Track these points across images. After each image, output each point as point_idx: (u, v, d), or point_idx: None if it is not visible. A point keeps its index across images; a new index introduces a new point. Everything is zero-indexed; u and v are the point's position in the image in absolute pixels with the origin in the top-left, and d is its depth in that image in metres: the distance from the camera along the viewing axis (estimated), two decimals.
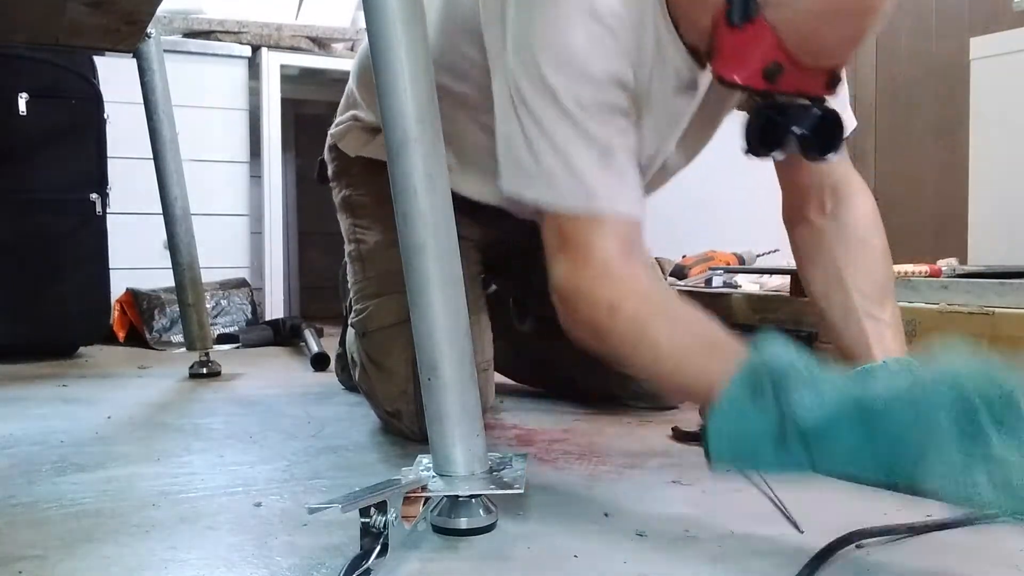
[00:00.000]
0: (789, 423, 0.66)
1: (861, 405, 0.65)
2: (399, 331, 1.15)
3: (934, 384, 0.63)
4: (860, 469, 0.66)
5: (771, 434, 0.67)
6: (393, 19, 0.75)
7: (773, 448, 0.67)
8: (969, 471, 0.60)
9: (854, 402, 0.65)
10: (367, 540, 0.69)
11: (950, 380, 0.63)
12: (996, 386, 0.62)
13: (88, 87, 2.16)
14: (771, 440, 0.67)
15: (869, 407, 0.65)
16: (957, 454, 0.61)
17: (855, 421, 0.65)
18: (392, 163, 0.76)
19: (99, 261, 2.19)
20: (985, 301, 1.40)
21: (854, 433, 0.64)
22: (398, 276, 1.18)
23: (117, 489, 0.93)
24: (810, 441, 0.65)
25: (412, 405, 1.13)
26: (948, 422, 0.61)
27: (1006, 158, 2.28)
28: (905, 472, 0.64)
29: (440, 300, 0.76)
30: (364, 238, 1.26)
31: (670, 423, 1.26)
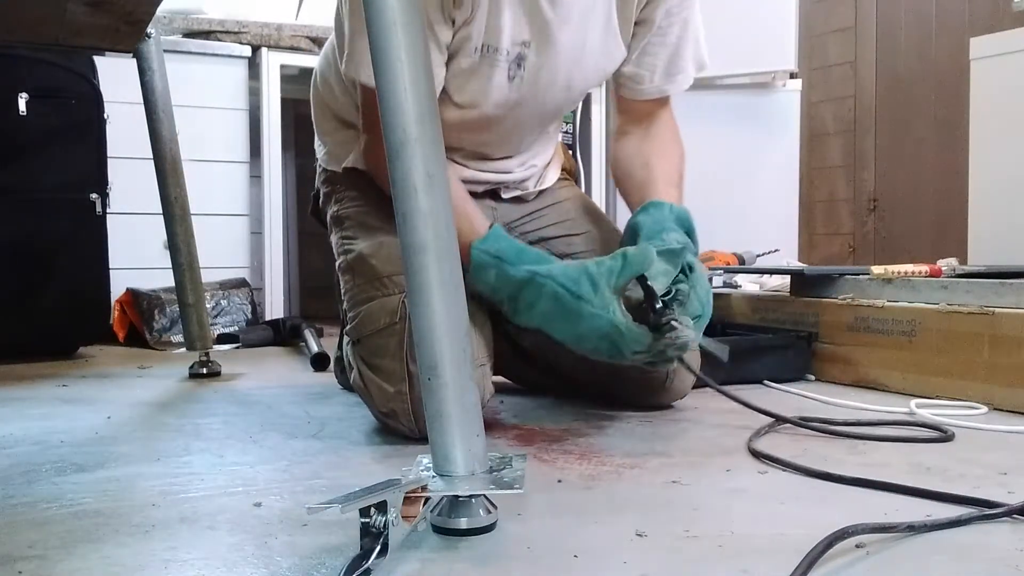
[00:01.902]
0: (499, 287, 1.14)
1: (523, 284, 1.12)
2: (391, 332, 1.16)
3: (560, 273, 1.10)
4: (527, 323, 1.15)
5: (493, 289, 1.16)
6: (393, 19, 0.75)
7: (491, 296, 1.17)
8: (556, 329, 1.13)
9: (521, 281, 1.12)
10: (367, 540, 0.69)
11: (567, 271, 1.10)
12: (574, 281, 1.09)
13: (88, 87, 2.16)
14: (494, 293, 1.16)
15: (527, 282, 1.11)
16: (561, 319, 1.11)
17: (520, 294, 1.12)
18: (392, 163, 0.76)
19: (99, 261, 2.19)
20: (985, 301, 1.40)
21: (521, 302, 1.13)
22: (386, 279, 1.21)
23: (117, 489, 0.93)
24: (506, 300, 1.14)
25: (407, 404, 1.13)
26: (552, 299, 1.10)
27: (1006, 158, 2.28)
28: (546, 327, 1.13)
29: (440, 300, 0.76)
30: (351, 248, 1.29)
31: (670, 423, 1.27)
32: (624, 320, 1.09)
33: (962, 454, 1.06)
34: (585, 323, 1.09)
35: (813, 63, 3.75)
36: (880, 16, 3.53)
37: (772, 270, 2.09)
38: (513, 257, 1.14)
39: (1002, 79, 2.29)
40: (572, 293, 1.09)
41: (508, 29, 1.19)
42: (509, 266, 1.13)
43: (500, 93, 1.24)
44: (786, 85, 2.96)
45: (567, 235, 1.44)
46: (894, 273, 1.61)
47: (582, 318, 1.09)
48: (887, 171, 3.53)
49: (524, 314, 1.15)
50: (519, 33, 1.20)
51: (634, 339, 1.09)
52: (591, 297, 1.09)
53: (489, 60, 1.20)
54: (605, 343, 1.10)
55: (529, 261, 1.14)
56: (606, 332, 1.09)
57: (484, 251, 1.15)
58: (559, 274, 1.11)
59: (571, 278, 1.10)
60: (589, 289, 1.09)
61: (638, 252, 1.11)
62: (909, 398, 1.38)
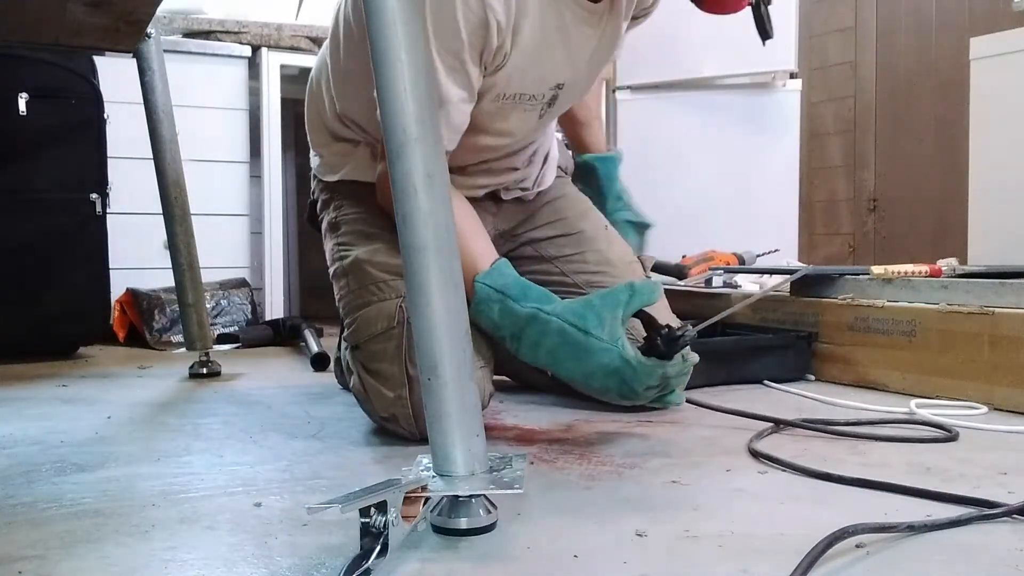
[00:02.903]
0: (503, 324, 1.13)
1: (528, 321, 1.12)
2: (390, 336, 1.16)
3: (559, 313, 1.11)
4: (531, 361, 1.15)
5: (496, 326, 1.16)
6: (393, 19, 0.75)
7: (495, 332, 1.17)
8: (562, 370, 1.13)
9: (526, 318, 1.12)
10: (367, 540, 0.69)
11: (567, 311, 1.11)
12: (579, 316, 1.10)
13: (88, 87, 2.16)
14: (497, 329, 1.16)
15: (531, 319, 1.11)
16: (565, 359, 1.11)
17: (524, 332, 1.12)
18: (392, 163, 0.76)
19: (99, 261, 2.19)
20: (985, 301, 1.40)
21: (524, 339, 1.12)
22: (382, 284, 1.22)
23: (117, 489, 0.93)
24: (509, 337, 1.14)
25: (407, 408, 1.13)
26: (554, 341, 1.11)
27: (1006, 158, 2.28)
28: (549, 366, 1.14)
29: (440, 300, 0.76)
30: (347, 253, 1.28)
31: (670, 423, 1.27)
32: (634, 354, 1.08)
33: (962, 454, 1.06)
34: (594, 359, 1.08)
35: (813, 63, 3.75)
36: (880, 16, 3.53)
37: (772, 270, 2.09)
38: (518, 293, 1.13)
39: (1002, 79, 2.28)
40: (578, 328, 1.08)
41: (548, 77, 1.22)
42: (513, 302, 1.13)
43: (528, 128, 1.30)
44: (786, 85, 2.96)
45: (558, 236, 1.45)
46: (894, 273, 1.61)
47: (591, 354, 1.08)
48: (887, 171, 3.53)
49: (529, 352, 1.14)
50: (555, 77, 1.23)
51: (646, 372, 1.08)
52: (598, 332, 1.08)
53: (521, 105, 1.23)
54: (615, 379, 1.09)
55: (534, 298, 1.13)
56: (616, 367, 1.08)
57: (488, 285, 1.14)
58: (564, 310, 1.11)
59: (576, 313, 1.10)
60: (596, 323, 1.08)
61: (646, 284, 1.11)
62: (909, 398, 1.38)
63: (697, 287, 2.13)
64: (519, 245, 1.48)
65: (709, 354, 1.57)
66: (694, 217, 2.85)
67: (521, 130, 1.29)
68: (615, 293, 1.11)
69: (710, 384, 1.54)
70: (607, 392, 1.12)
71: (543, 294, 1.15)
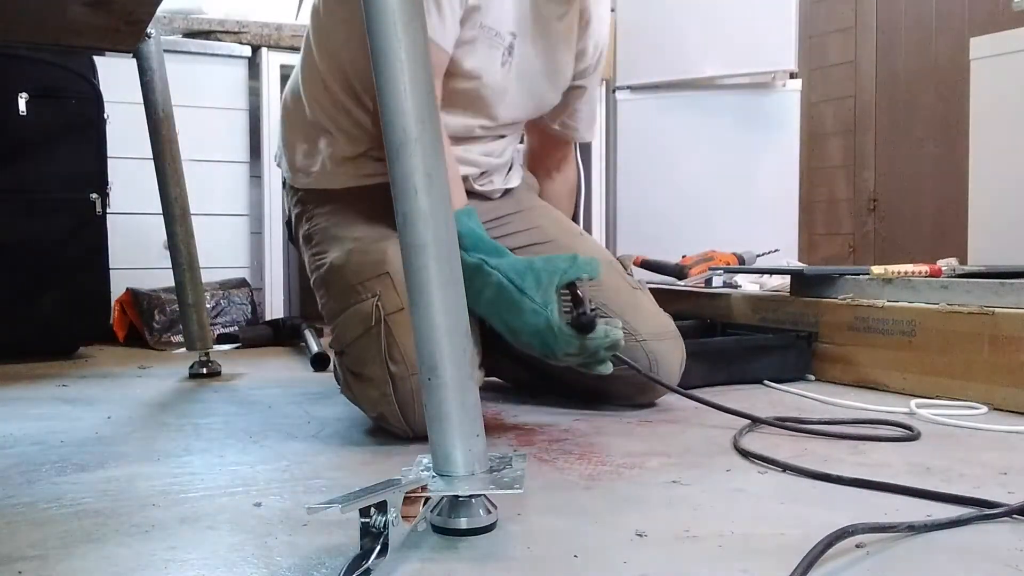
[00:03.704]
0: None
1: (473, 271, 1.13)
2: (369, 338, 1.17)
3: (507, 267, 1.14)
4: (472, 308, 1.07)
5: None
6: (393, 19, 0.75)
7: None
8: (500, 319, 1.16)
9: (471, 268, 1.13)
10: (367, 540, 0.69)
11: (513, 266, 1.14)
12: (519, 275, 1.13)
13: (88, 87, 2.16)
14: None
15: (476, 269, 1.14)
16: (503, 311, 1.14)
17: (470, 281, 1.04)
18: (392, 163, 0.76)
19: (99, 261, 2.19)
20: (985, 301, 1.40)
21: (469, 288, 1.04)
22: (358, 286, 1.23)
23: (117, 489, 0.93)
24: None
25: (393, 406, 1.14)
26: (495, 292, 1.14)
27: (1006, 158, 2.28)
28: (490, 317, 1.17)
29: (440, 300, 0.76)
30: (323, 262, 1.30)
31: (670, 423, 1.27)
32: (559, 321, 1.12)
33: (962, 454, 1.06)
34: (523, 318, 1.13)
35: (813, 63, 3.75)
36: (880, 16, 3.53)
37: (772, 270, 2.09)
38: (470, 243, 1.17)
39: (1002, 79, 2.28)
40: (516, 286, 1.13)
41: (505, 17, 1.32)
42: (464, 252, 1.15)
43: (494, 75, 1.35)
44: (786, 85, 2.96)
45: (532, 244, 1.45)
46: (894, 273, 1.61)
47: (521, 312, 1.13)
48: (887, 171, 3.53)
49: (471, 300, 1.15)
50: (510, 23, 1.34)
51: (566, 341, 1.12)
52: (533, 293, 1.12)
53: (488, 40, 1.32)
54: (538, 340, 1.13)
55: (483, 250, 1.17)
56: (540, 330, 1.12)
57: None
58: (507, 267, 1.15)
59: (517, 271, 1.14)
60: (532, 284, 1.13)
61: (588, 260, 1.16)
62: (909, 398, 1.38)
63: (697, 287, 2.13)
64: None
65: (709, 354, 1.58)
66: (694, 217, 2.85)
67: (486, 73, 1.34)
68: (556, 260, 1.15)
69: (710, 384, 1.54)
70: (531, 348, 1.17)
71: (494, 247, 1.18)
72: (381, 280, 1.18)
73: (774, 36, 2.83)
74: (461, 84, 1.33)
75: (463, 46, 1.29)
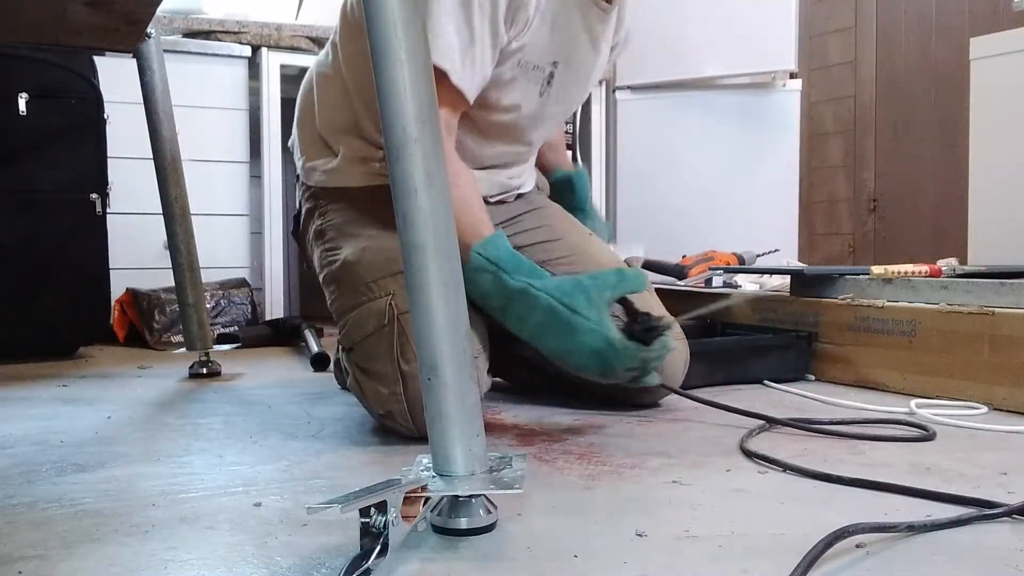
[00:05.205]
0: (493, 295, 1.14)
1: (517, 294, 1.12)
2: (380, 336, 1.17)
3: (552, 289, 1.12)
4: (515, 333, 1.16)
5: (485, 295, 1.15)
6: (393, 19, 0.75)
7: (483, 303, 1.16)
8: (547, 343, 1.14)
9: (515, 292, 1.12)
10: (367, 540, 0.69)
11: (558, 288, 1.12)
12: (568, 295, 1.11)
13: (88, 87, 2.16)
14: (487, 299, 1.16)
15: (521, 292, 1.12)
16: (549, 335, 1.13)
17: (512, 305, 1.13)
18: (392, 163, 0.76)
19: (99, 261, 2.19)
20: (985, 301, 1.40)
21: (511, 313, 1.14)
22: (372, 284, 1.22)
23: (117, 489, 0.93)
24: (497, 308, 1.15)
25: (402, 404, 1.14)
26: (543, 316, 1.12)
27: (1006, 158, 2.28)
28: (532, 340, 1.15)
29: (440, 300, 0.76)
30: (335, 258, 1.29)
31: (670, 423, 1.27)
32: (618, 335, 1.10)
33: (962, 454, 1.06)
34: (579, 338, 1.11)
35: (813, 63, 3.75)
36: (880, 16, 3.53)
37: (772, 270, 2.09)
38: (510, 266, 1.15)
39: (1002, 79, 2.28)
40: (567, 306, 1.11)
41: (547, 49, 1.27)
42: (505, 275, 1.14)
43: (531, 106, 1.32)
44: (786, 85, 2.96)
45: (545, 241, 1.45)
46: (894, 273, 1.61)
47: (576, 332, 1.10)
48: (887, 171, 3.53)
49: (515, 324, 1.16)
50: (553, 54, 1.28)
51: (628, 356, 1.11)
52: (587, 311, 1.10)
53: (527, 75, 1.28)
54: (596, 359, 1.11)
55: (525, 272, 1.15)
56: (599, 348, 1.10)
57: (483, 256, 1.15)
58: (554, 288, 1.13)
59: (565, 291, 1.12)
60: (584, 303, 1.11)
61: (634, 272, 1.15)
62: (909, 398, 1.38)
63: (697, 287, 2.13)
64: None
65: (709, 354, 1.58)
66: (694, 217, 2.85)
67: (524, 104, 1.31)
68: (604, 275, 1.14)
69: (710, 384, 1.54)
70: (586, 370, 1.15)
71: (534, 269, 1.17)
72: (396, 279, 1.18)
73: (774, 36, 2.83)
74: (498, 117, 1.31)
75: (503, 87, 1.27)
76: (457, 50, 1.13)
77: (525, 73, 1.27)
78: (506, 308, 1.15)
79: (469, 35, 1.13)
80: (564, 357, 1.14)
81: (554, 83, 1.32)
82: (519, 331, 1.16)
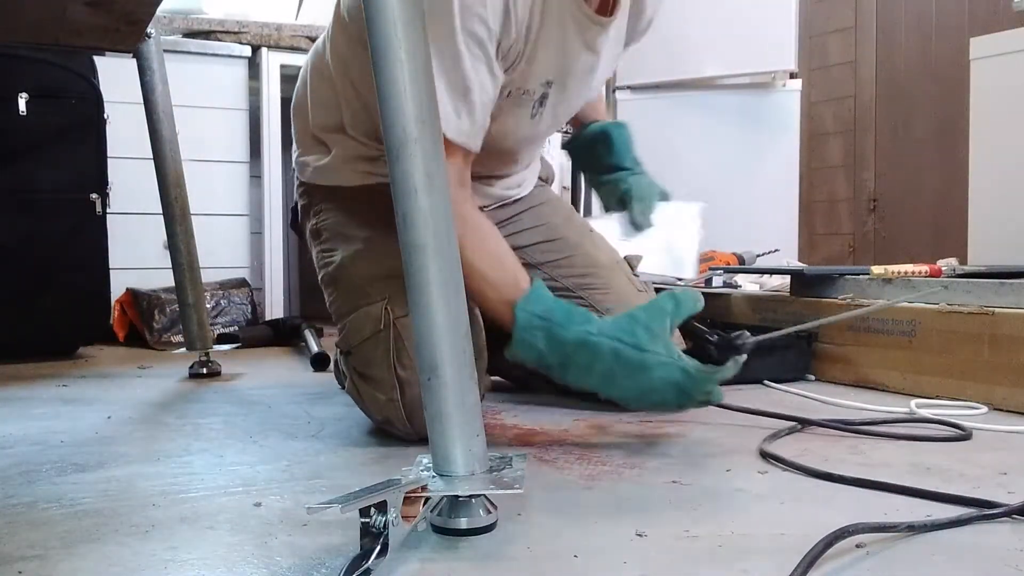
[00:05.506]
0: (549, 352, 1.07)
1: (577, 347, 1.05)
2: (377, 340, 1.16)
3: (606, 335, 1.05)
4: (577, 385, 1.09)
5: (540, 355, 1.08)
6: (393, 19, 0.75)
7: (538, 362, 1.09)
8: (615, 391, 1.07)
9: (574, 344, 1.05)
10: (367, 540, 0.69)
11: (614, 330, 1.06)
12: (630, 334, 1.04)
13: (88, 87, 2.16)
14: (543, 358, 1.08)
15: (581, 344, 1.05)
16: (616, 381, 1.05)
17: (573, 358, 1.06)
18: (392, 163, 0.76)
19: (99, 261, 2.19)
20: (985, 301, 1.40)
21: (573, 366, 1.07)
22: (367, 287, 1.21)
23: (117, 489, 0.93)
24: (556, 365, 1.08)
25: (400, 411, 1.13)
26: (608, 363, 1.05)
27: (1006, 158, 2.28)
28: (597, 388, 1.08)
29: (440, 300, 0.76)
30: (331, 260, 1.28)
31: (670, 423, 1.27)
32: (692, 363, 1.04)
33: (962, 454, 1.06)
34: (653, 374, 1.03)
35: (813, 63, 3.75)
36: (880, 16, 3.53)
37: (772, 270, 2.09)
38: (562, 317, 1.07)
39: (1002, 79, 2.29)
40: (633, 346, 1.04)
41: (539, 71, 1.20)
42: (560, 328, 1.06)
43: (523, 128, 1.27)
44: (786, 85, 2.96)
45: (542, 241, 1.45)
46: (894, 273, 1.61)
47: (648, 369, 1.03)
48: (887, 171, 3.53)
49: (578, 377, 1.08)
50: (545, 73, 1.21)
51: (706, 380, 1.04)
52: (653, 346, 1.04)
53: (516, 100, 1.21)
54: (673, 392, 1.04)
55: (578, 320, 1.07)
56: (676, 381, 1.04)
57: (531, 312, 1.07)
58: (613, 330, 1.05)
59: (626, 331, 1.05)
60: (648, 338, 1.04)
61: (687, 293, 1.07)
62: (909, 398, 1.38)
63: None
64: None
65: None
66: None
67: (516, 130, 1.26)
68: (659, 304, 1.07)
69: None
70: (663, 405, 1.08)
71: (584, 314, 1.08)
72: (391, 283, 1.15)
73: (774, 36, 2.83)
74: (487, 142, 1.24)
75: (491, 117, 1.20)
76: (450, 104, 1.07)
77: (515, 99, 1.21)
78: (567, 363, 1.07)
79: (463, 86, 1.07)
80: (641, 398, 1.07)
81: (547, 103, 1.25)
82: (583, 383, 1.08)
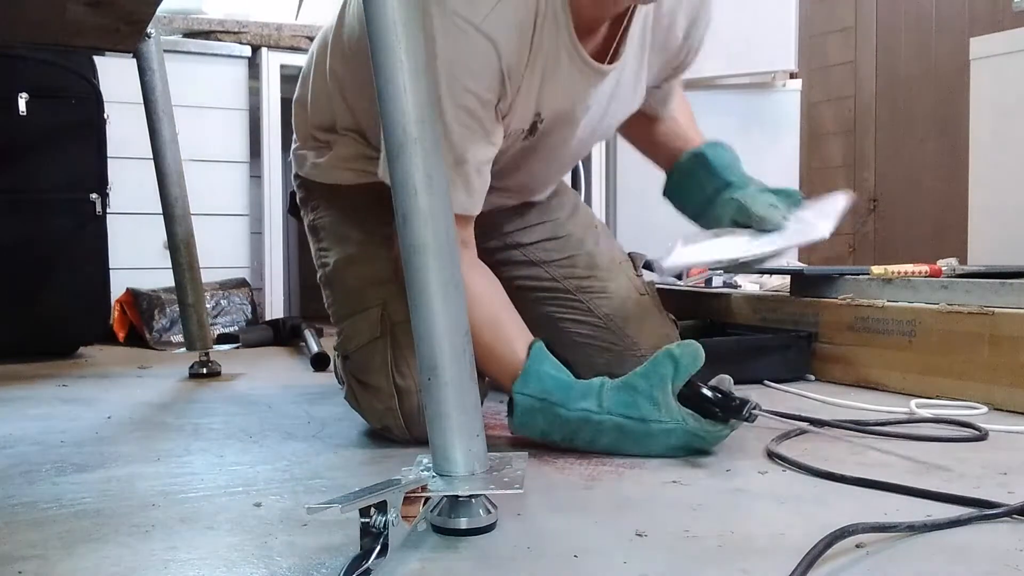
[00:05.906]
0: (551, 430, 1.06)
1: (579, 425, 1.04)
2: (375, 347, 1.15)
3: (612, 406, 1.04)
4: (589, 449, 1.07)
5: (543, 432, 1.07)
6: (393, 19, 0.75)
7: (541, 437, 1.07)
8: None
9: (576, 423, 1.04)
10: (367, 540, 0.69)
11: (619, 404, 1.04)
12: (631, 407, 1.03)
13: (88, 87, 2.16)
14: (546, 435, 1.07)
15: (583, 422, 1.04)
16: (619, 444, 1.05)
17: (577, 435, 1.05)
18: (392, 163, 0.76)
19: (99, 261, 2.19)
20: (985, 301, 1.40)
21: (578, 439, 1.06)
22: (362, 292, 1.19)
23: (117, 489, 0.93)
24: (560, 440, 1.07)
25: (399, 420, 1.13)
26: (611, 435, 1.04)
27: (1006, 158, 2.28)
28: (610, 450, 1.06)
29: (440, 300, 0.76)
30: (327, 260, 1.27)
31: None
32: (698, 424, 1.03)
33: (962, 454, 1.06)
34: (659, 441, 1.04)
35: (813, 63, 3.75)
36: (880, 16, 3.53)
37: (772, 270, 2.08)
38: (560, 396, 1.05)
39: (1002, 79, 2.29)
40: (635, 419, 1.04)
41: (526, 113, 1.13)
42: (560, 408, 1.05)
43: (507, 152, 1.18)
44: (786, 85, 2.96)
45: (546, 239, 1.44)
46: (894, 273, 1.61)
47: (653, 438, 1.04)
48: (887, 171, 3.53)
49: (583, 446, 1.07)
50: (534, 109, 1.14)
51: (716, 437, 1.05)
52: (656, 415, 1.03)
53: (514, 136, 1.16)
54: (685, 451, 1.05)
55: (578, 395, 1.05)
56: (683, 444, 1.04)
57: (528, 395, 1.06)
58: (614, 405, 1.04)
59: (627, 404, 1.04)
60: (650, 408, 1.03)
61: (684, 351, 1.06)
62: (909, 398, 1.38)
63: (697, 287, 2.13)
64: (507, 247, 1.45)
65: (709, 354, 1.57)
66: None
67: (501, 156, 1.16)
68: (657, 369, 1.04)
69: None
70: (677, 457, 1.07)
71: (584, 389, 1.06)
72: (387, 287, 1.15)
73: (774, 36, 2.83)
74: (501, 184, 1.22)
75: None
76: (456, 178, 1.04)
77: (513, 137, 1.15)
78: (571, 438, 1.06)
79: (455, 157, 1.04)
80: (651, 456, 1.06)
81: (539, 133, 1.17)
82: (591, 449, 1.07)
